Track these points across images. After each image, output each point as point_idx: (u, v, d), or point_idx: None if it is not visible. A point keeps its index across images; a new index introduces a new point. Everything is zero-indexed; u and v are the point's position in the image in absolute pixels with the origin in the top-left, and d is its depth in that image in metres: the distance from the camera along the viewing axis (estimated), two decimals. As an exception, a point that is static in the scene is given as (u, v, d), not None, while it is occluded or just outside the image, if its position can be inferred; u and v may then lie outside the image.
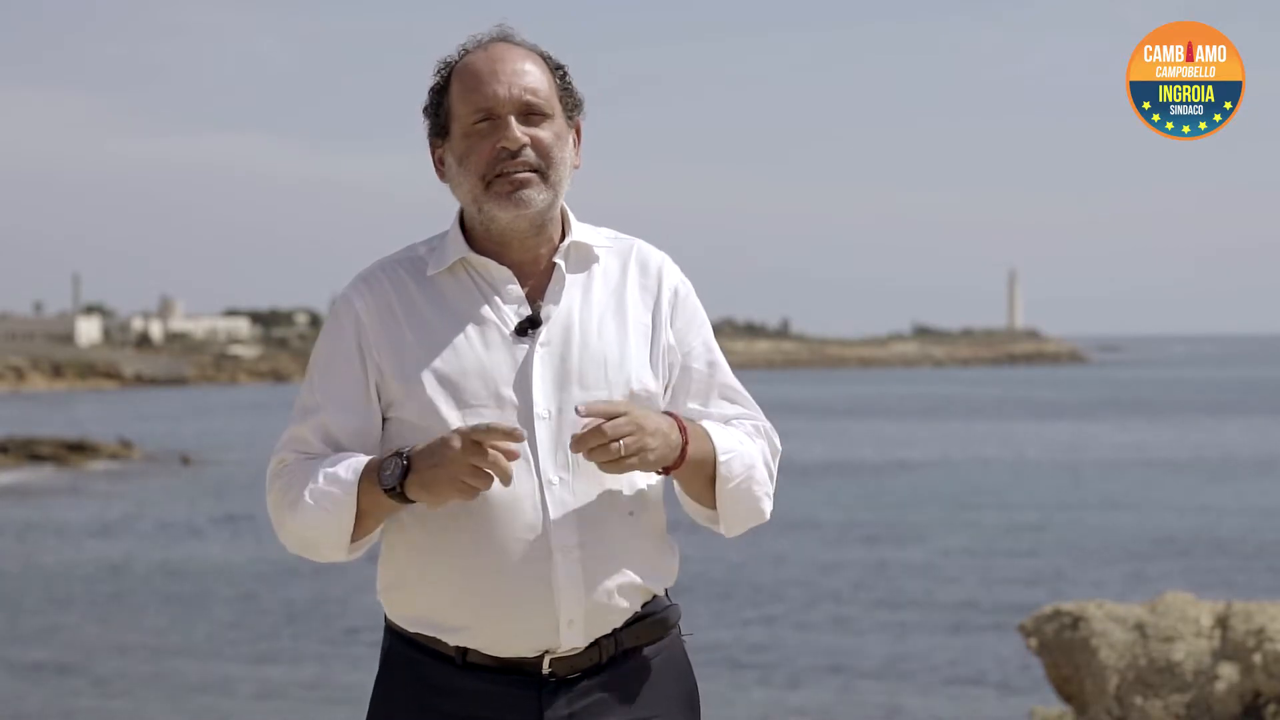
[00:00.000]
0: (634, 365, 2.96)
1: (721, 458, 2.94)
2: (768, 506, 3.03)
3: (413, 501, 2.84)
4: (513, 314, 2.94)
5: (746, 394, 3.08)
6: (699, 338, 3.06)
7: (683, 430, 2.90)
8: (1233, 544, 26.50)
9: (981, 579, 23.11)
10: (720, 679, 16.00)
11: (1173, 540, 27.12)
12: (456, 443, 2.78)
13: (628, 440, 2.81)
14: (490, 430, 2.76)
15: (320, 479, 2.87)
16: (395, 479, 2.82)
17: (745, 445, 3.00)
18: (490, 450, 2.76)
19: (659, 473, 2.94)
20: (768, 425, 3.07)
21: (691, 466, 2.92)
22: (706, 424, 2.98)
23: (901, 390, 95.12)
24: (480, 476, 2.78)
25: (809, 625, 19.53)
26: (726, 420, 3.03)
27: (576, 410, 2.82)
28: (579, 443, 2.81)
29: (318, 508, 2.87)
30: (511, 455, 2.78)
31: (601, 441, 2.80)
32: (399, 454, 2.84)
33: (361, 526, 2.89)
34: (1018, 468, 41.69)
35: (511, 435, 2.76)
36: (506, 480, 2.79)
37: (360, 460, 2.88)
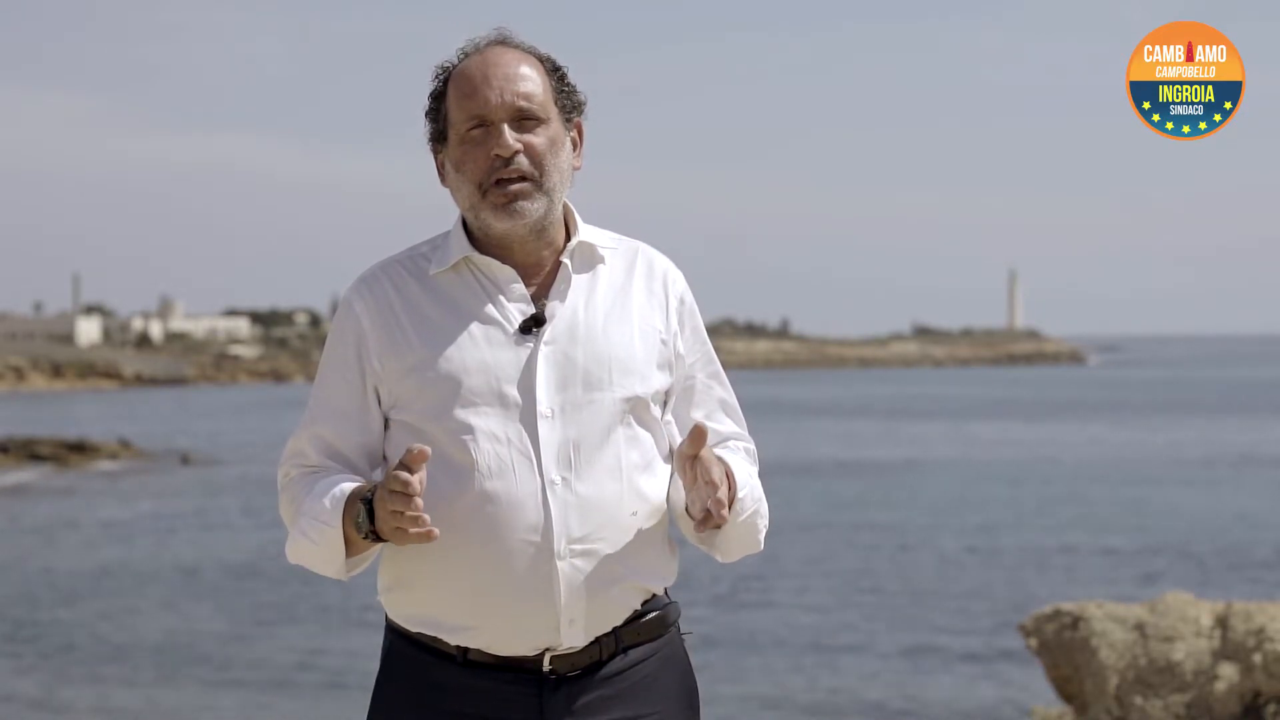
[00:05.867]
0: (640, 365, 2.96)
1: (740, 493, 2.94)
2: (764, 538, 3.04)
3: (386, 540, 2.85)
4: (517, 312, 2.93)
5: (739, 410, 3.10)
6: (703, 350, 3.07)
7: (730, 483, 2.92)
8: (1233, 544, 26.50)
9: (981, 579, 23.11)
10: (719, 675, 16.00)
11: (1173, 540, 27.12)
12: (382, 493, 2.77)
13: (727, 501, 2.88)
14: (396, 474, 2.73)
15: (309, 511, 2.90)
16: (365, 527, 2.83)
17: (754, 479, 3.01)
18: (410, 499, 2.73)
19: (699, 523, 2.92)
20: (752, 446, 3.10)
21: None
22: (724, 454, 2.97)
23: (901, 390, 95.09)
24: (404, 533, 2.76)
25: (807, 625, 19.52)
26: (724, 440, 3.04)
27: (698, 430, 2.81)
28: (720, 507, 2.82)
29: (309, 541, 2.90)
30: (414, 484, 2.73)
31: (734, 497, 2.88)
32: (365, 499, 2.83)
33: (353, 550, 2.91)
34: (1018, 467, 41.68)
35: (410, 458, 2.73)
36: (428, 538, 2.76)
37: (344, 490, 2.88)
